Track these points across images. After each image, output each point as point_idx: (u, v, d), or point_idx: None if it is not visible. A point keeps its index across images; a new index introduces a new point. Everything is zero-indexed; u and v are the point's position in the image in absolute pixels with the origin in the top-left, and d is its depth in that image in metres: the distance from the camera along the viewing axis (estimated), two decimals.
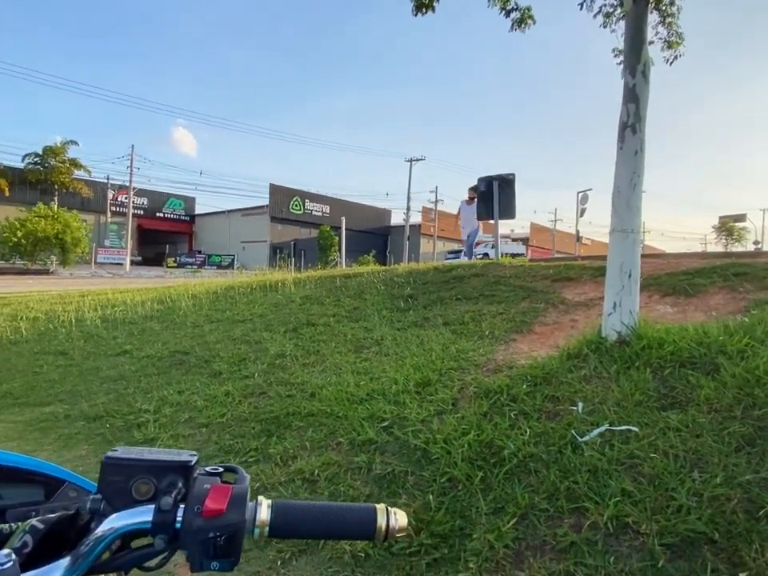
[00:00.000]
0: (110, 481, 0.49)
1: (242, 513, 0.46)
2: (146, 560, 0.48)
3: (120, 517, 0.47)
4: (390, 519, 0.50)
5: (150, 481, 0.48)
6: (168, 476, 0.49)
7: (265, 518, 0.47)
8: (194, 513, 0.46)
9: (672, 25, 4.18)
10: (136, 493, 0.48)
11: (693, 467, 1.99)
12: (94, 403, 3.79)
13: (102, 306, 7.89)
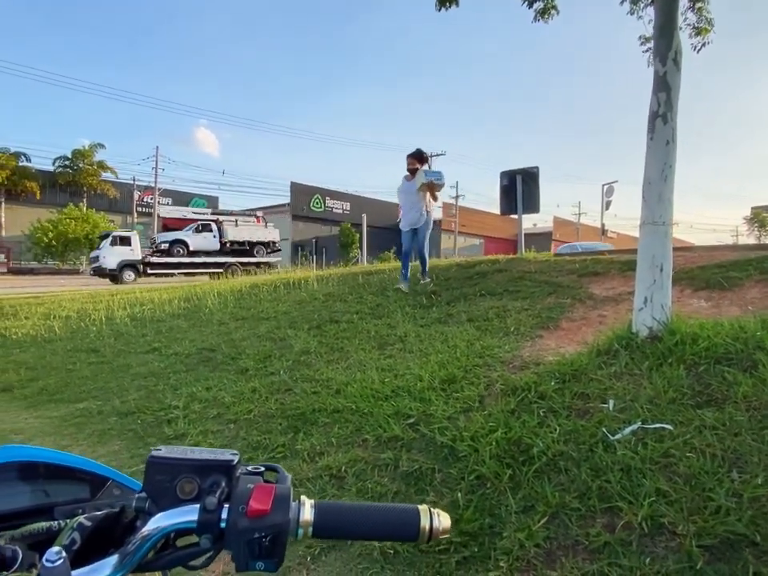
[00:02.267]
0: (155, 480, 0.49)
1: (286, 513, 0.46)
2: (191, 559, 0.49)
3: (166, 516, 0.47)
4: (434, 520, 0.49)
5: (193, 480, 0.49)
6: (211, 475, 0.49)
7: (308, 518, 0.47)
8: (239, 513, 0.46)
9: (702, 10, 4.03)
10: (180, 492, 0.48)
11: (731, 467, 1.92)
12: (125, 399, 3.89)
13: (131, 305, 8.08)
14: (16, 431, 3.57)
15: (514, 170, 7.65)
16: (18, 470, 0.56)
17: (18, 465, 0.56)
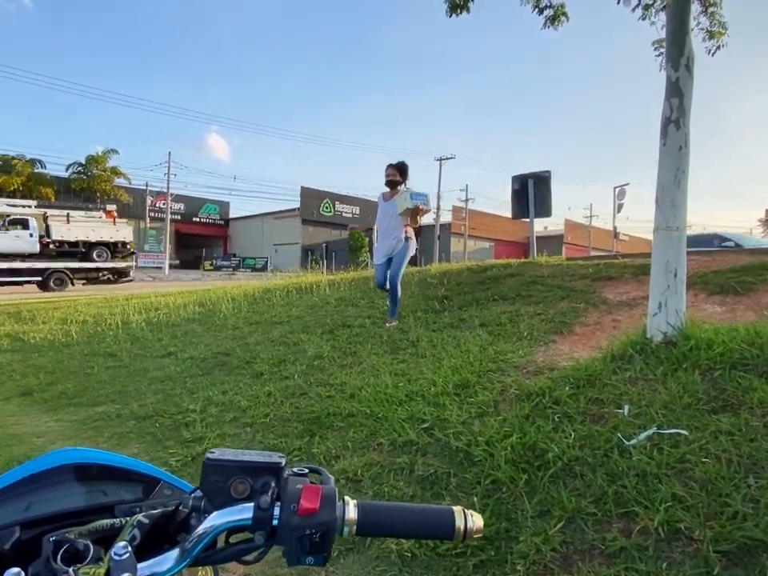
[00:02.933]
0: (211, 480, 0.53)
1: (333, 511, 0.50)
2: (245, 554, 0.53)
3: (221, 514, 0.51)
4: (468, 521, 0.52)
5: (246, 480, 0.52)
6: (262, 476, 0.53)
7: (353, 517, 0.51)
8: (291, 511, 0.49)
9: (714, 14, 4.04)
10: (234, 492, 0.52)
11: (747, 472, 1.93)
12: (143, 403, 3.96)
13: (146, 309, 8.20)
14: (37, 434, 3.66)
15: (526, 174, 7.66)
16: (78, 470, 0.60)
17: (77, 466, 0.61)
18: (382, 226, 5.13)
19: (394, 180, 5.08)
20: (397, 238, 5.01)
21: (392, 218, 5.00)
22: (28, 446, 3.36)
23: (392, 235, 5.02)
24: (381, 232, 5.15)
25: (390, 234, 5.03)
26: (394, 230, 5.01)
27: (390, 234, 5.03)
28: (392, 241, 5.02)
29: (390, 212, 5.00)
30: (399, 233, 5.01)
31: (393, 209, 4.98)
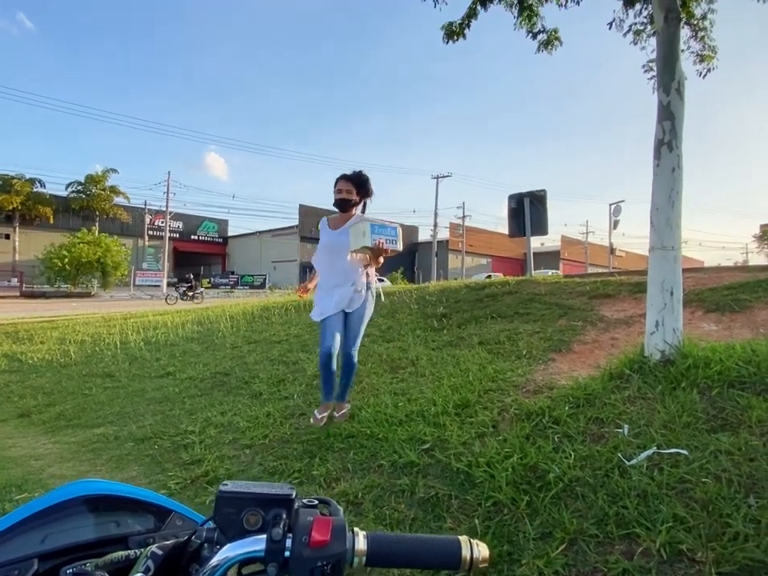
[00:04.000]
0: (224, 512, 0.54)
1: (344, 543, 0.52)
2: None
3: (234, 546, 0.52)
4: (474, 550, 0.54)
5: (258, 512, 0.54)
6: (274, 508, 0.54)
7: (362, 548, 0.52)
8: (302, 543, 0.51)
9: (704, 39, 4.15)
10: (246, 523, 0.54)
11: (748, 492, 1.93)
12: (141, 425, 3.94)
13: (144, 329, 8.18)
14: (35, 457, 3.63)
15: (522, 192, 7.76)
16: (91, 502, 0.62)
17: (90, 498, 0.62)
18: (329, 265, 3.39)
19: (347, 199, 3.33)
20: (356, 286, 3.29)
21: (343, 256, 3.31)
22: (25, 469, 3.33)
23: (348, 281, 3.29)
24: (327, 275, 3.41)
25: (344, 279, 3.31)
26: (350, 273, 3.31)
27: (344, 280, 3.31)
28: (349, 290, 3.29)
29: (340, 246, 3.29)
30: (358, 278, 3.30)
31: (344, 242, 3.27)
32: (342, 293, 3.27)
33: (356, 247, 3.18)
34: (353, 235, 3.19)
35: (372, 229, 3.10)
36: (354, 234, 3.18)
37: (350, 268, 3.31)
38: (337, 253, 3.32)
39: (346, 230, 3.29)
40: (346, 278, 3.29)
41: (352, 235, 3.20)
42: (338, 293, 3.28)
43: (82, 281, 29.32)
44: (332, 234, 3.38)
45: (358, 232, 3.14)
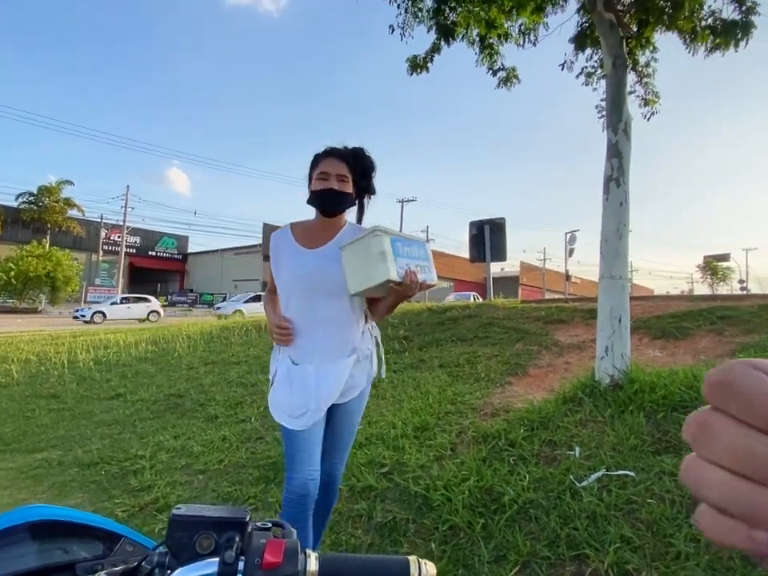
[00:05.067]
0: (177, 536, 0.55)
1: (296, 565, 0.53)
2: None
3: (186, 570, 0.52)
4: (422, 570, 0.56)
5: (211, 536, 0.55)
6: (227, 531, 0.55)
7: (314, 570, 0.53)
8: (255, 565, 0.52)
9: (648, 84, 4.47)
10: (199, 547, 0.54)
11: (689, 512, 2.03)
12: (88, 449, 3.75)
13: (95, 348, 7.84)
14: None
15: (483, 220, 8.01)
16: (38, 528, 0.60)
17: (35, 524, 0.61)
18: (307, 315, 1.75)
19: (340, 194, 1.73)
20: (357, 355, 1.78)
21: (334, 299, 1.73)
22: None
23: (345, 348, 1.76)
24: (304, 336, 1.75)
25: (337, 344, 1.76)
26: (348, 332, 1.77)
27: (337, 346, 1.75)
28: (345, 365, 1.74)
29: (329, 279, 1.72)
30: (360, 340, 1.80)
31: (335, 273, 1.70)
32: (335, 373, 1.69)
33: (370, 283, 1.59)
34: (355, 260, 1.64)
35: (395, 248, 1.60)
36: (358, 259, 1.63)
37: (347, 321, 1.73)
38: (323, 292, 1.71)
39: (337, 251, 1.69)
40: (340, 343, 1.72)
41: (353, 260, 1.64)
42: (327, 373, 1.69)
43: (30, 296, 27.84)
44: (309, 257, 1.73)
45: (367, 254, 1.59)
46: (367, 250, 1.58)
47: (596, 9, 3.46)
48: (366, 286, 1.60)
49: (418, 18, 4.58)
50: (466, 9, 4.27)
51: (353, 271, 1.64)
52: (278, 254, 1.79)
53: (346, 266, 1.66)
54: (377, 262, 1.55)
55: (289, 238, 1.80)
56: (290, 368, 1.73)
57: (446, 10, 4.30)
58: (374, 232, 1.58)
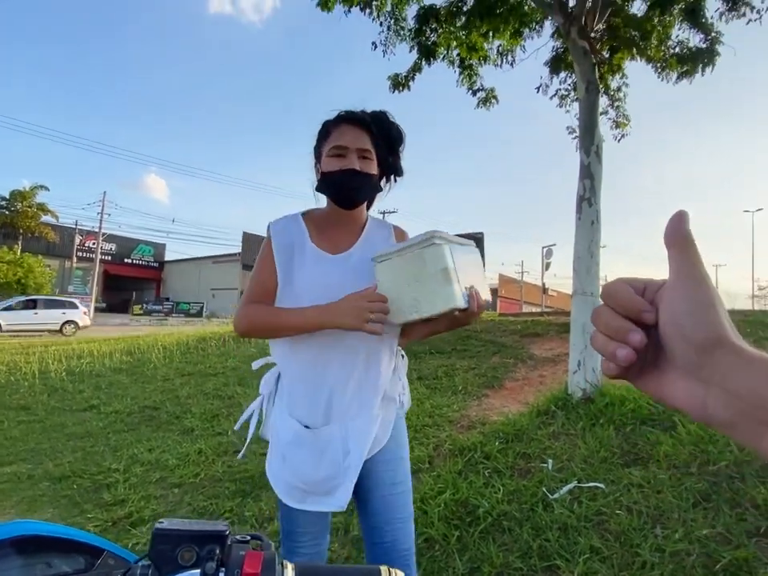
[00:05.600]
0: (160, 549, 0.57)
1: (274, 575, 0.56)
2: None
3: None
4: None
5: (192, 548, 0.57)
6: (208, 544, 0.58)
7: None
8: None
9: (620, 108, 4.66)
10: (181, 559, 0.57)
11: (655, 523, 2.10)
12: (59, 462, 3.66)
13: (68, 358, 7.66)
14: None
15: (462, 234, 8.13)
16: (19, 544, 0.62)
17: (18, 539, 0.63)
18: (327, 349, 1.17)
19: (364, 176, 1.18)
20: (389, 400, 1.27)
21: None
22: None
23: (376, 393, 1.22)
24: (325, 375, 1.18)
25: (367, 390, 1.20)
26: (380, 371, 1.22)
27: (367, 391, 1.20)
28: (373, 417, 1.21)
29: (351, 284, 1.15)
30: (387, 374, 1.25)
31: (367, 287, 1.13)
32: (366, 431, 1.20)
33: (424, 312, 1.09)
34: (399, 279, 1.13)
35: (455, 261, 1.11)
36: (405, 277, 1.12)
37: (380, 357, 1.23)
38: None
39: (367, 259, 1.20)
40: (371, 388, 1.22)
41: (396, 279, 1.13)
42: (358, 433, 1.19)
43: None
44: (330, 265, 1.21)
45: (420, 272, 1.09)
46: (420, 266, 1.07)
47: (570, 35, 3.61)
48: (417, 315, 1.08)
49: (400, 37, 4.70)
50: (446, 30, 4.40)
51: (396, 293, 1.10)
52: (287, 252, 1.19)
53: (383, 285, 1.13)
54: (437, 283, 1.05)
55: (303, 232, 1.22)
56: (300, 434, 1.17)
57: (427, 30, 4.42)
58: (430, 239, 1.06)
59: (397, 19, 4.71)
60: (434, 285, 1.06)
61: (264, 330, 1.18)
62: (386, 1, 4.55)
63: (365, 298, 1.07)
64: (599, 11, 3.69)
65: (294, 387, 1.22)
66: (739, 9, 3.98)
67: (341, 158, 1.17)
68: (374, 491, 1.23)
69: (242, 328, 1.19)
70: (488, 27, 4.38)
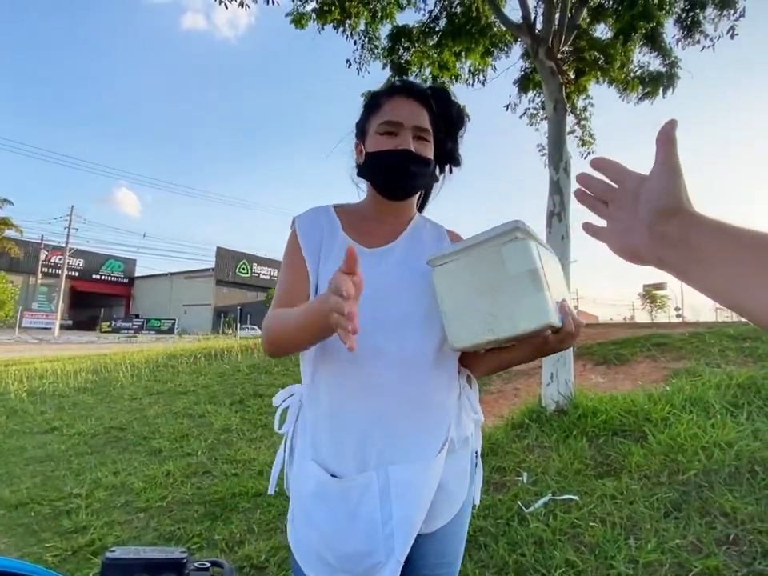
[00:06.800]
0: None
1: None
2: None
3: None
4: None
5: None
6: (164, 573, 0.55)
7: None
8: None
9: (585, 126, 4.81)
10: None
11: (628, 534, 2.12)
12: (16, 489, 3.47)
13: (29, 378, 7.34)
14: None
15: None
16: None
17: None
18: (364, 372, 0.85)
19: (424, 162, 0.94)
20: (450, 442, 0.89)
21: (420, 341, 0.88)
22: None
23: (435, 430, 0.88)
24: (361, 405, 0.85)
25: (424, 420, 0.87)
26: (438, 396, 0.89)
27: (426, 425, 0.87)
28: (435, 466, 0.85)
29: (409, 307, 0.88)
30: (450, 410, 0.91)
31: (418, 296, 0.89)
32: (419, 485, 0.84)
33: (502, 332, 0.77)
34: (467, 286, 0.81)
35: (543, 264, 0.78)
36: (475, 283, 0.80)
37: (437, 385, 0.89)
38: (393, 327, 0.87)
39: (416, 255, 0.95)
40: (426, 426, 0.87)
41: (462, 286, 0.82)
42: (406, 488, 0.83)
43: None
44: (369, 261, 0.90)
45: (497, 275, 0.78)
46: (497, 268, 0.78)
47: (538, 56, 3.72)
48: (493, 336, 0.78)
49: (374, 55, 4.77)
50: (419, 49, 4.48)
51: (464, 307, 0.82)
52: (316, 245, 0.94)
53: (446, 296, 0.84)
54: (521, 291, 0.76)
55: (334, 224, 0.98)
56: (324, 483, 0.86)
57: (399, 49, 4.49)
58: (512, 231, 0.77)
59: (370, 38, 4.78)
60: (516, 294, 0.75)
61: (281, 339, 0.83)
62: (358, 20, 4.62)
63: (330, 288, 0.63)
64: (565, 34, 3.82)
65: (317, 419, 0.89)
66: (694, 36, 4.19)
67: (392, 136, 0.93)
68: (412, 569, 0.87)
69: (265, 345, 0.88)
70: (459, 47, 4.49)
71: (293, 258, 0.94)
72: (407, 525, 0.81)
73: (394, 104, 0.95)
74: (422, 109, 0.96)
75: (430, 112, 0.97)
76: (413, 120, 0.93)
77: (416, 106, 0.95)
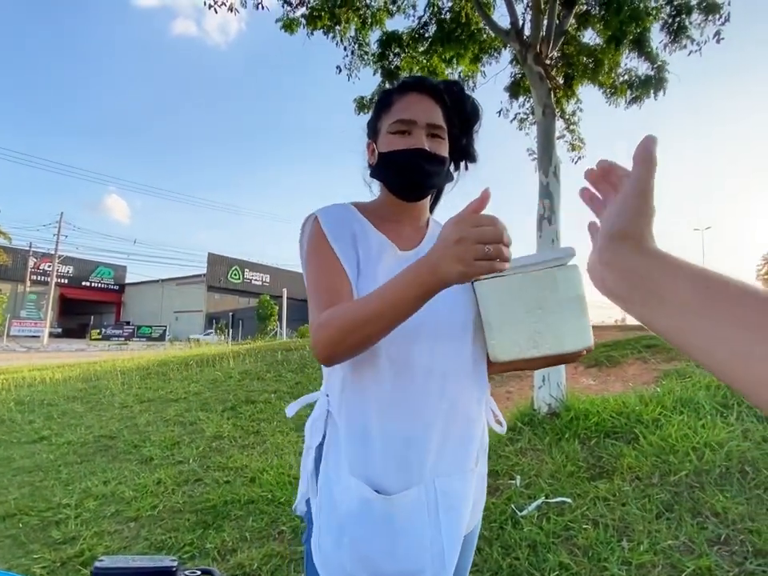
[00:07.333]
0: None
1: None
2: None
3: None
4: None
5: None
6: None
7: None
8: None
9: (575, 131, 4.86)
10: None
11: (621, 536, 2.12)
12: (3, 500, 3.41)
13: (17, 386, 7.24)
14: None
15: None
16: None
17: None
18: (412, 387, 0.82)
19: (440, 160, 0.92)
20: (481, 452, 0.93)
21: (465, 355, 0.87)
22: None
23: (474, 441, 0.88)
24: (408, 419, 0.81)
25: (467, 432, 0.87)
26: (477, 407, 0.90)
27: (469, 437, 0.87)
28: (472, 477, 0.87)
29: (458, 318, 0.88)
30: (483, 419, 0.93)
31: (465, 306, 0.89)
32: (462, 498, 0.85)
33: (547, 349, 0.84)
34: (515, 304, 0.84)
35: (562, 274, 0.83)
36: (523, 303, 0.84)
37: (479, 396, 0.90)
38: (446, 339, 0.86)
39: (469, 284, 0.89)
40: (469, 438, 0.88)
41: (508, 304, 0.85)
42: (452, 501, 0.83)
43: None
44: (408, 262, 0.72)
45: (546, 297, 0.82)
46: (550, 290, 0.82)
47: (526, 62, 3.76)
48: (537, 352, 0.84)
49: (364, 61, 4.79)
50: (409, 55, 4.51)
51: (510, 322, 0.85)
52: (351, 242, 0.89)
53: (489, 309, 0.85)
54: (570, 314, 0.82)
55: (364, 222, 0.93)
56: (369, 501, 0.79)
57: (389, 55, 4.51)
58: (568, 257, 0.82)
59: (360, 44, 4.80)
60: (565, 315, 0.81)
61: (356, 331, 0.72)
62: (348, 26, 4.65)
63: (467, 223, 0.62)
64: (553, 39, 3.86)
65: (355, 432, 0.82)
66: (681, 41, 4.26)
67: (405, 135, 0.91)
68: None
69: (326, 348, 0.75)
70: (449, 53, 4.52)
71: (325, 256, 0.86)
72: (455, 538, 0.81)
73: (407, 101, 0.92)
74: (435, 105, 0.93)
75: (443, 108, 0.94)
76: (426, 117, 0.91)
77: (429, 102, 0.92)
